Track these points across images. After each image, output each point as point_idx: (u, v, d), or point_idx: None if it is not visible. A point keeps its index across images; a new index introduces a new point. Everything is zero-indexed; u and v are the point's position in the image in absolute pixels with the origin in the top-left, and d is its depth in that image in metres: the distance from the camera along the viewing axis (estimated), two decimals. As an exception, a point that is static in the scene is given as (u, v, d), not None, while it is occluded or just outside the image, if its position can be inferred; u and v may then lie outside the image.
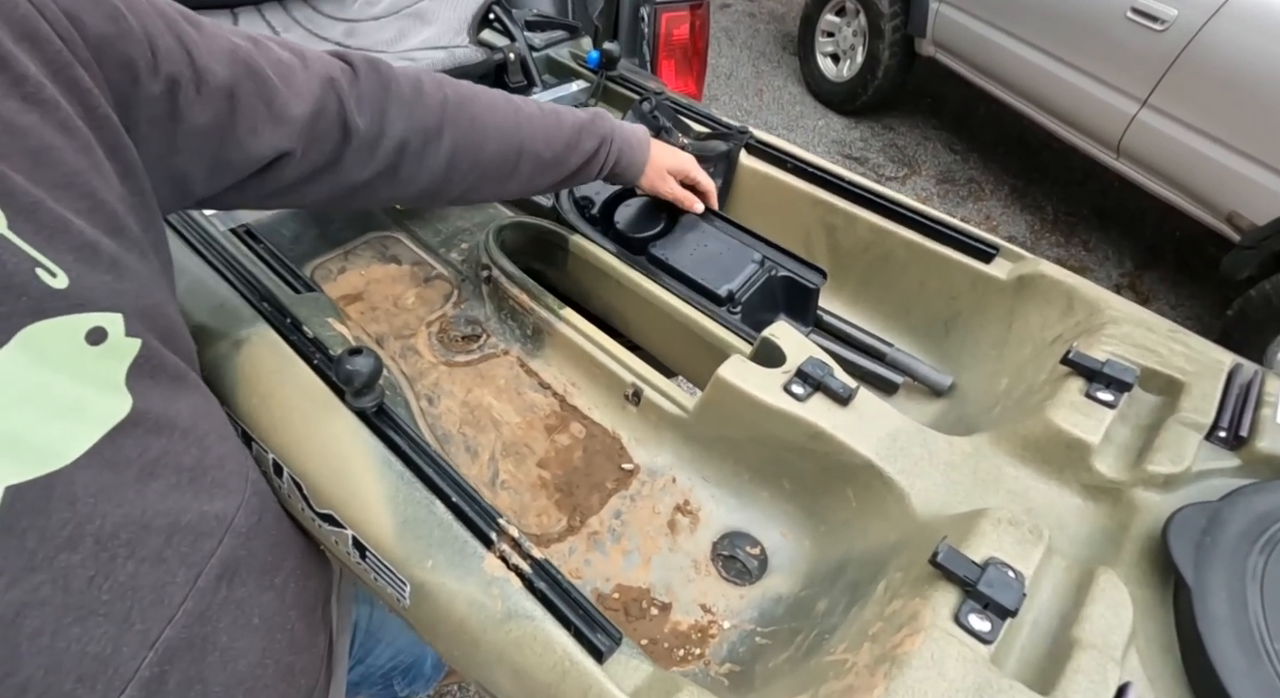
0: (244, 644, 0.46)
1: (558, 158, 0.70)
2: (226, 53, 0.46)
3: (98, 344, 0.37)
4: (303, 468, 0.57)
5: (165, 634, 0.40)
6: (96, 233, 0.38)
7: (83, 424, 0.37)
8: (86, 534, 0.36)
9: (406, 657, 1.11)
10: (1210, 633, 0.43)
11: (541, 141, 0.68)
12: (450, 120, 0.61)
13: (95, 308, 0.37)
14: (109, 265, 0.38)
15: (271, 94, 0.49)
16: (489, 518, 0.52)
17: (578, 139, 0.71)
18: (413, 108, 0.59)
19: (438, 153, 0.61)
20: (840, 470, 0.66)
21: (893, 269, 0.91)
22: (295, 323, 0.65)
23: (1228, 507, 0.50)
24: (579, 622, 0.47)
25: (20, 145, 0.35)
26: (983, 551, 0.49)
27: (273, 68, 0.49)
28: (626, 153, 0.76)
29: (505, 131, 0.65)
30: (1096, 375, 0.62)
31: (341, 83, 0.55)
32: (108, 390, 0.38)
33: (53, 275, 0.35)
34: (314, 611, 0.59)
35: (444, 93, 0.62)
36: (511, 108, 0.67)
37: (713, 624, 0.66)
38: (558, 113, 0.71)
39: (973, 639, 0.44)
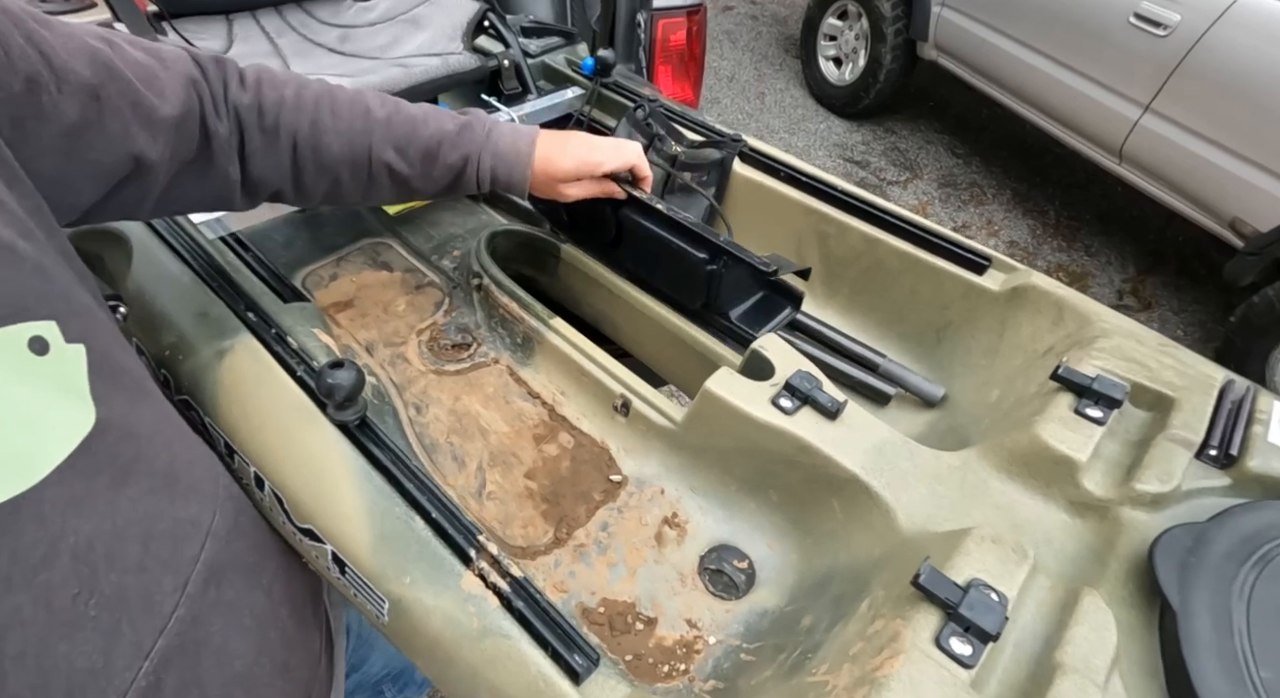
0: (238, 645, 0.46)
1: (416, 171, 0.65)
2: (86, 53, 0.45)
3: (43, 354, 0.36)
4: (283, 481, 0.57)
5: (159, 643, 0.39)
6: (11, 235, 0.36)
7: (49, 438, 0.36)
8: (61, 551, 0.35)
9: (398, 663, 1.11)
10: (1194, 658, 0.43)
11: (393, 151, 0.63)
12: (285, 122, 0.59)
13: (26, 317, 0.35)
14: (32, 269, 0.37)
15: (136, 97, 0.47)
16: (468, 535, 0.52)
17: (437, 151, 0.65)
18: (251, 109, 0.58)
19: (278, 152, 0.60)
20: (827, 483, 0.65)
21: (885, 278, 0.90)
22: (280, 333, 0.65)
23: (1215, 528, 0.50)
24: (556, 642, 0.46)
25: None
26: (966, 571, 0.48)
27: (132, 70, 0.48)
28: (502, 169, 0.69)
29: (350, 137, 0.62)
30: (1086, 391, 0.61)
31: (201, 84, 0.55)
32: (72, 400, 0.37)
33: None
34: (304, 608, 0.59)
35: (281, 94, 0.59)
36: (362, 112, 0.62)
37: (698, 640, 0.65)
38: (419, 122, 0.65)
39: (953, 663, 0.43)
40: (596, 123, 1.12)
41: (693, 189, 1.00)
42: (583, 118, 1.12)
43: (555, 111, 1.12)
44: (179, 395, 0.65)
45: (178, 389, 0.65)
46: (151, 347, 0.67)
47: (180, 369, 0.64)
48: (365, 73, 0.99)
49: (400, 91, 0.95)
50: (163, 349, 0.66)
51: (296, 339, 0.65)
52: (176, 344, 0.65)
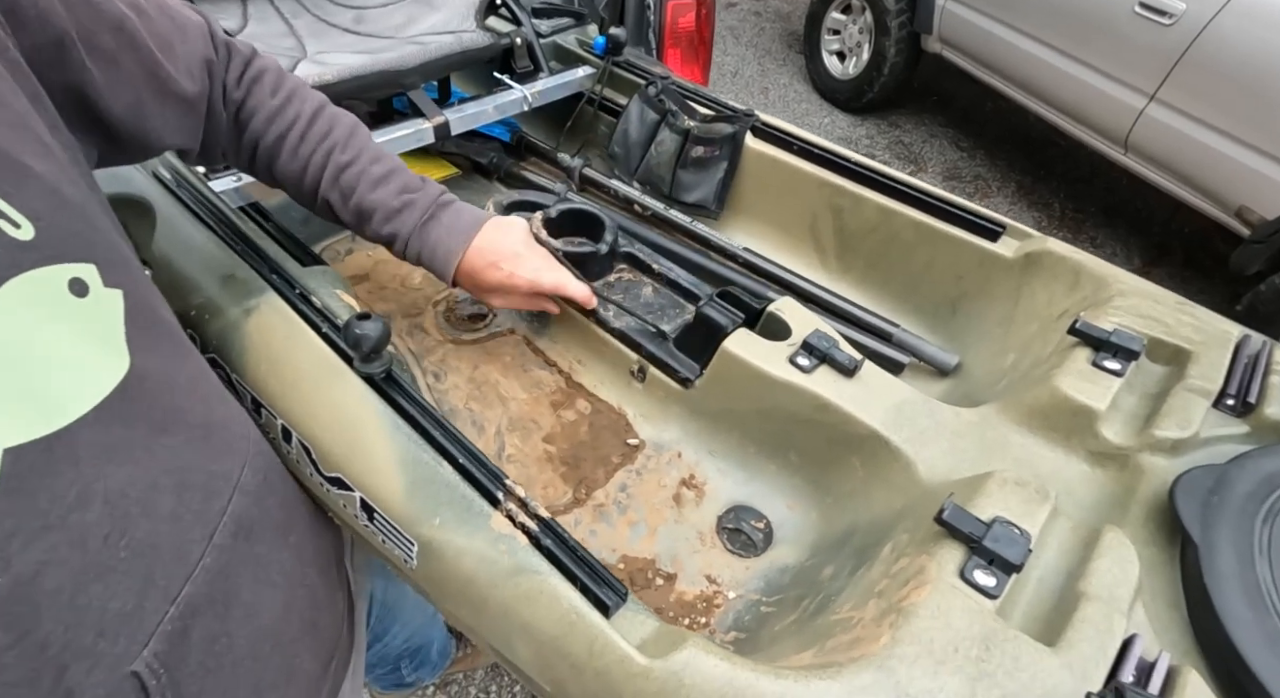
0: (266, 599, 0.47)
1: (352, 219, 0.68)
2: (112, 20, 0.46)
3: (83, 296, 0.36)
4: (311, 433, 0.58)
5: (186, 590, 0.40)
6: (58, 179, 0.37)
7: (85, 380, 0.36)
8: (95, 494, 0.35)
9: (418, 639, 1.12)
10: (1217, 588, 0.43)
11: (337, 195, 0.66)
12: (255, 128, 0.63)
13: (68, 258, 0.36)
14: (77, 212, 0.37)
15: (154, 67, 0.50)
16: (496, 479, 0.53)
17: (370, 217, 0.67)
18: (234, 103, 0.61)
19: (240, 147, 0.64)
20: (846, 441, 0.66)
21: (900, 249, 0.91)
22: (304, 293, 0.66)
23: (1235, 469, 0.50)
24: (585, 577, 0.47)
25: None
26: (989, 510, 0.49)
27: (155, 40, 0.50)
28: (426, 259, 0.69)
29: (305, 166, 0.65)
30: (1103, 344, 0.62)
31: (216, 65, 0.58)
32: (108, 345, 0.38)
33: (16, 226, 0.33)
34: (329, 569, 0.59)
35: (266, 102, 0.62)
36: (326, 150, 0.64)
37: (718, 595, 0.66)
38: (370, 181, 0.66)
39: (978, 594, 0.44)
40: (608, 101, 1.13)
41: (706, 163, 1.01)
42: (594, 96, 1.13)
43: (567, 90, 1.13)
44: (206, 354, 0.65)
45: (204, 348, 0.66)
46: (178, 308, 0.68)
47: (208, 329, 0.65)
48: (381, 51, 1.00)
49: (414, 67, 0.96)
50: (189, 310, 0.67)
51: (320, 299, 0.66)
52: (203, 305, 0.66)
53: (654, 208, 1.04)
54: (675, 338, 0.78)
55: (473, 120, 1.02)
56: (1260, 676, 0.39)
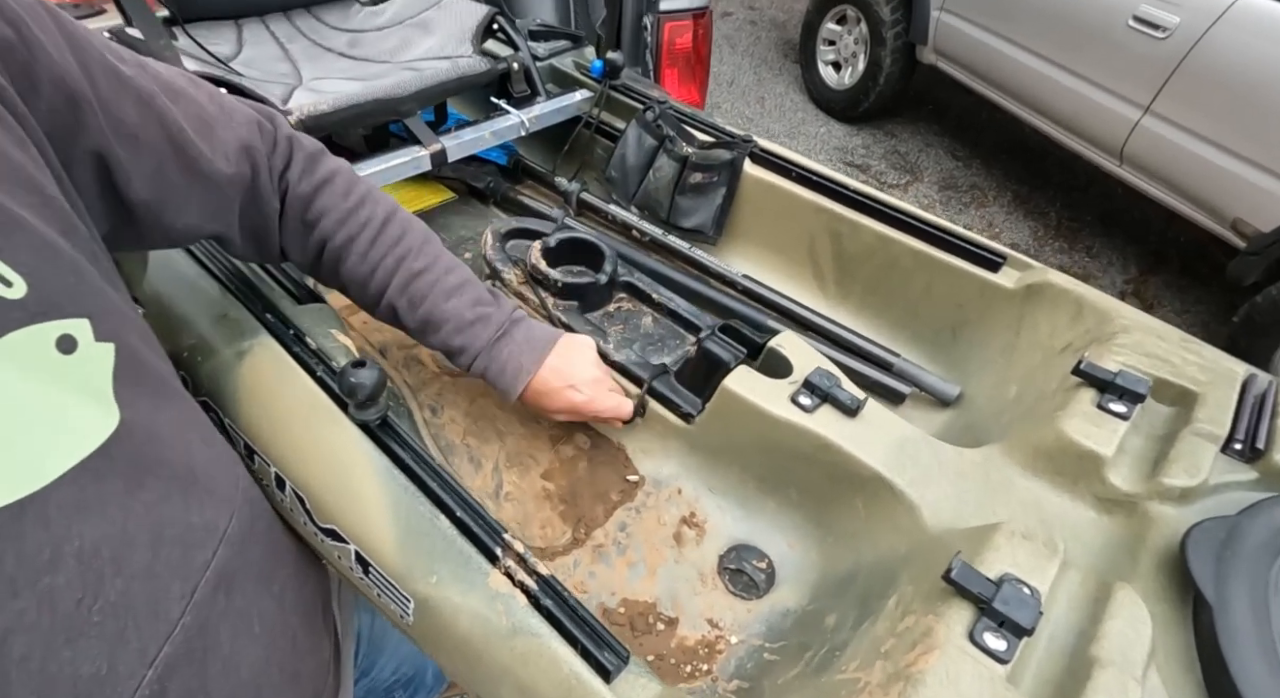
0: (246, 652, 0.45)
1: (413, 328, 0.66)
2: (136, 96, 0.46)
3: (70, 353, 0.35)
4: (305, 482, 0.57)
5: (164, 650, 0.39)
6: (52, 232, 0.36)
7: (67, 439, 0.35)
8: (66, 555, 0.34)
9: (409, 668, 1.10)
10: (1232, 650, 0.42)
11: (405, 302, 0.64)
12: (325, 228, 0.61)
13: (59, 315, 0.35)
14: (70, 267, 0.37)
15: (184, 144, 0.49)
16: (494, 533, 0.51)
17: (440, 328, 0.65)
18: (304, 200, 0.60)
19: (306, 246, 0.62)
20: (849, 480, 0.65)
21: (898, 276, 0.90)
22: (298, 334, 0.65)
23: (1247, 520, 0.50)
24: (585, 640, 0.46)
25: None
26: (997, 566, 0.48)
27: (189, 121, 0.49)
28: (493, 373, 0.67)
29: (374, 270, 0.63)
30: (1109, 386, 0.61)
31: (259, 153, 0.56)
32: (95, 402, 0.37)
33: (8, 285, 0.33)
34: (314, 615, 0.58)
35: (337, 203, 0.61)
36: (399, 255, 0.63)
37: (720, 639, 0.65)
38: (443, 292, 0.64)
39: (988, 658, 0.43)
40: (606, 125, 1.12)
41: (704, 188, 1.00)
42: (592, 120, 1.12)
43: (564, 114, 1.12)
44: (198, 397, 0.64)
45: (197, 391, 0.64)
46: (170, 349, 0.67)
47: (200, 371, 0.64)
48: (376, 77, 0.99)
49: (410, 94, 0.95)
50: (181, 351, 0.66)
51: (315, 340, 0.64)
52: (196, 346, 0.65)
53: (652, 233, 1.03)
54: (676, 371, 0.77)
55: (470, 146, 1.01)
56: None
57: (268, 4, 1.14)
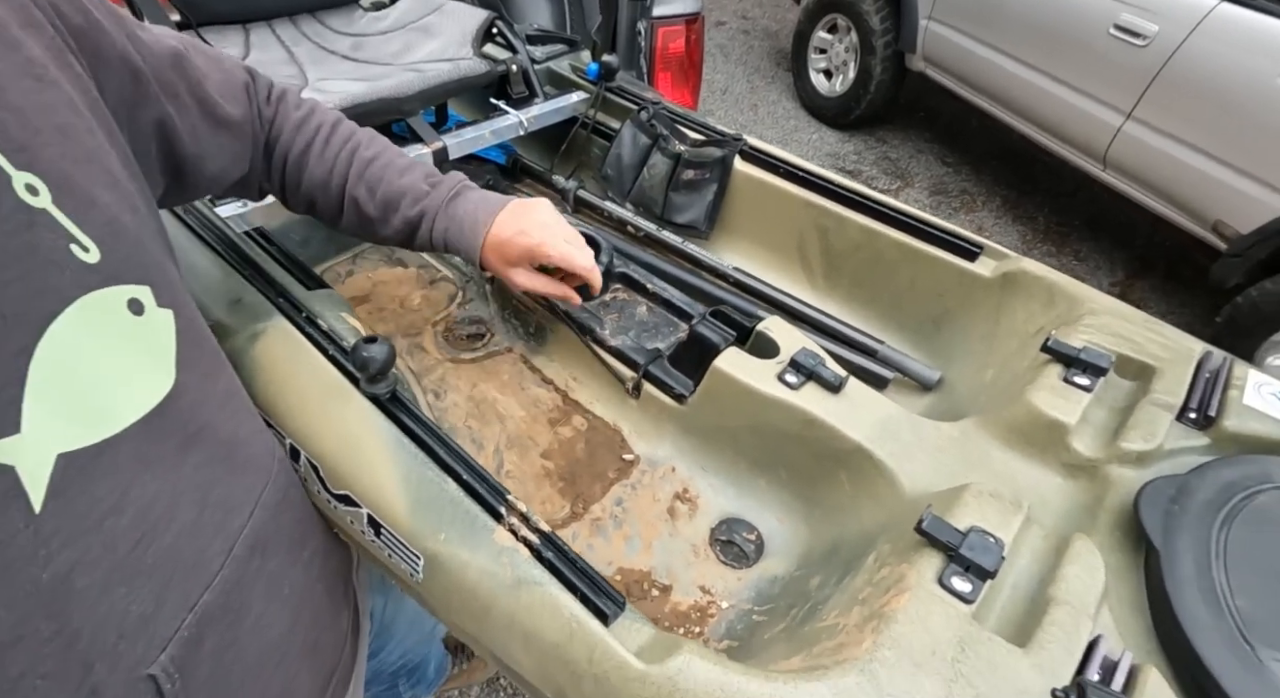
0: (275, 614, 0.49)
1: (378, 212, 0.68)
2: (168, 54, 0.50)
3: (139, 315, 0.39)
4: (319, 451, 0.60)
5: (204, 598, 0.42)
6: (120, 207, 0.40)
7: (135, 394, 0.39)
8: (129, 502, 0.38)
9: (414, 656, 1.13)
10: (1177, 592, 0.46)
11: (364, 189, 0.67)
12: (284, 141, 0.65)
13: (127, 280, 0.39)
14: (134, 239, 0.40)
15: (204, 95, 0.53)
16: (498, 494, 0.55)
17: (399, 202, 0.68)
18: (266, 121, 0.64)
19: (271, 164, 0.66)
20: (833, 456, 0.69)
21: (883, 269, 0.95)
22: (310, 316, 0.68)
23: (1195, 478, 0.53)
24: (585, 588, 0.49)
25: (49, 122, 0.36)
26: (966, 520, 0.52)
27: (201, 74, 0.54)
28: (454, 233, 0.68)
29: (332, 166, 0.66)
30: (1074, 361, 0.65)
31: (252, 88, 0.62)
32: (159, 361, 0.40)
33: (85, 250, 0.36)
34: (337, 587, 0.61)
35: (291, 116, 0.66)
36: (350, 148, 0.67)
37: (711, 604, 0.68)
38: (396, 171, 0.67)
39: (955, 599, 0.47)
40: (601, 125, 1.17)
41: (696, 185, 1.04)
42: (588, 121, 1.16)
43: (561, 115, 1.17)
44: (216, 375, 0.68)
45: (214, 370, 0.68)
46: (187, 331, 0.71)
47: (217, 351, 0.68)
48: (379, 77, 1.03)
49: (413, 93, 1.00)
50: (199, 333, 0.69)
51: (326, 322, 0.68)
52: (213, 328, 0.68)
53: (646, 229, 1.07)
54: (670, 355, 0.81)
55: (470, 145, 1.05)
56: (1216, 673, 0.42)
57: (274, 9, 1.18)
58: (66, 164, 0.36)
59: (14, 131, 0.34)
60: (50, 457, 0.34)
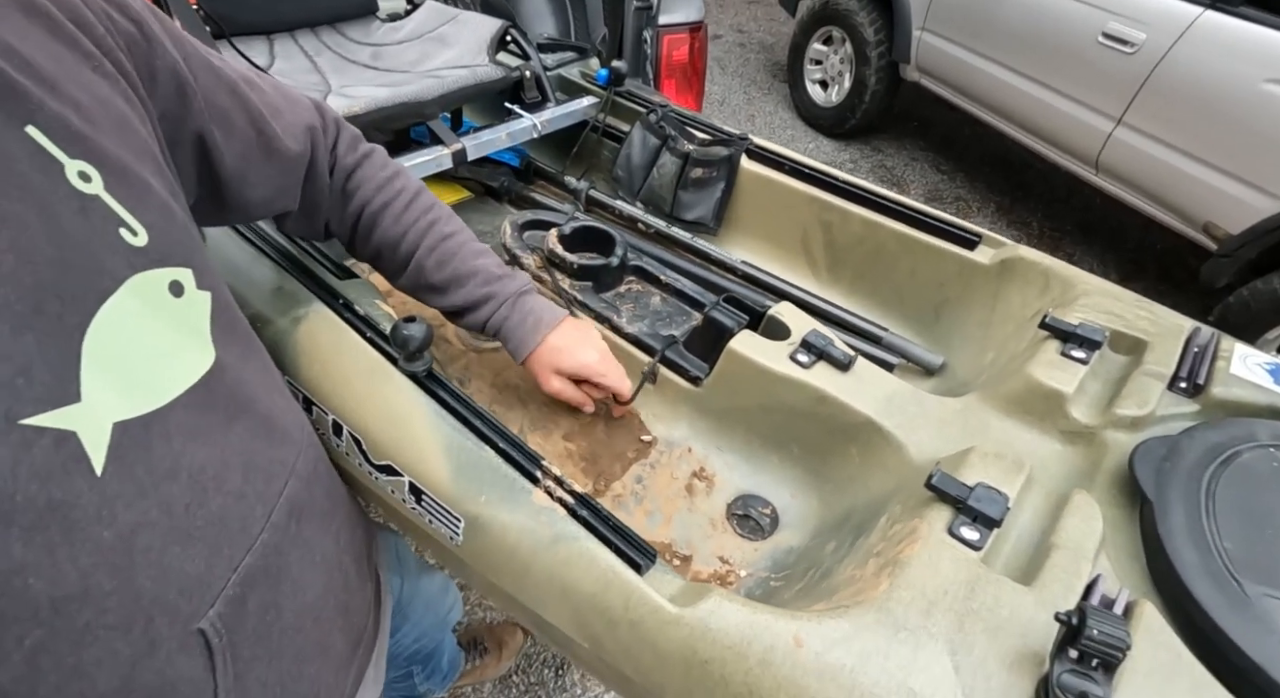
0: (310, 578, 0.52)
1: (442, 284, 0.70)
2: (229, 85, 0.53)
3: (180, 296, 0.42)
4: (363, 425, 0.64)
5: (246, 561, 0.45)
6: (168, 196, 0.43)
7: (179, 369, 0.42)
8: (182, 468, 0.41)
9: (428, 642, 1.15)
10: (1170, 537, 0.50)
11: (434, 258, 0.68)
12: (363, 195, 0.68)
13: (171, 263, 0.42)
14: (180, 225, 0.44)
15: (262, 125, 0.56)
16: (534, 460, 0.59)
17: (468, 281, 0.69)
18: (345, 170, 0.67)
19: (345, 213, 0.68)
20: (844, 431, 0.72)
21: (885, 260, 0.99)
22: (347, 303, 0.72)
23: (1185, 439, 0.57)
24: (619, 542, 0.53)
25: (105, 113, 0.39)
26: (972, 478, 0.55)
27: (264, 106, 0.57)
28: (514, 323, 0.71)
29: (406, 230, 0.68)
30: (1070, 337, 0.69)
31: (318, 132, 0.63)
32: (197, 339, 0.43)
33: (134, 234, 0.39)
34: (361, 559, 0.64)
35: (375, 174, 0.68)
36: (429, 220, 0.69)
37: (730, 573, 0.71)
38: (470, 253, 0.70)
39: (964, 547, 0.50)
40: (611, 128, 1.21)
41: (704, 183, 1.09)
42: (598, 124, 1.21)
43: (572, 118, 1.21)
44: (259, 359, 0.71)
45: (256, 354, 0.72)
46: (230, 318, 0.74)
47: (261, 337, 0.71)
48: (401, 84, 1.08)
49: (434, 98, 1.04)
50: (241, 320, 0.73)
51: (363, 308, 0.72)
52: (255, 315, 0.72)
53: (656, 226, 1.12)
54: (684, 341, 0.85)
55: (487, 147, 1.10)
56: (1206, 606, 0.46)
57: (297, 21, 1.23)
58: (123, 153, 0.39)
59: (73, 124, 0.37)
60: (108, 425, 0.37)
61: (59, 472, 0.34)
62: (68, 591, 0.35)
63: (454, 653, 1.33)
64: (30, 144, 0.35)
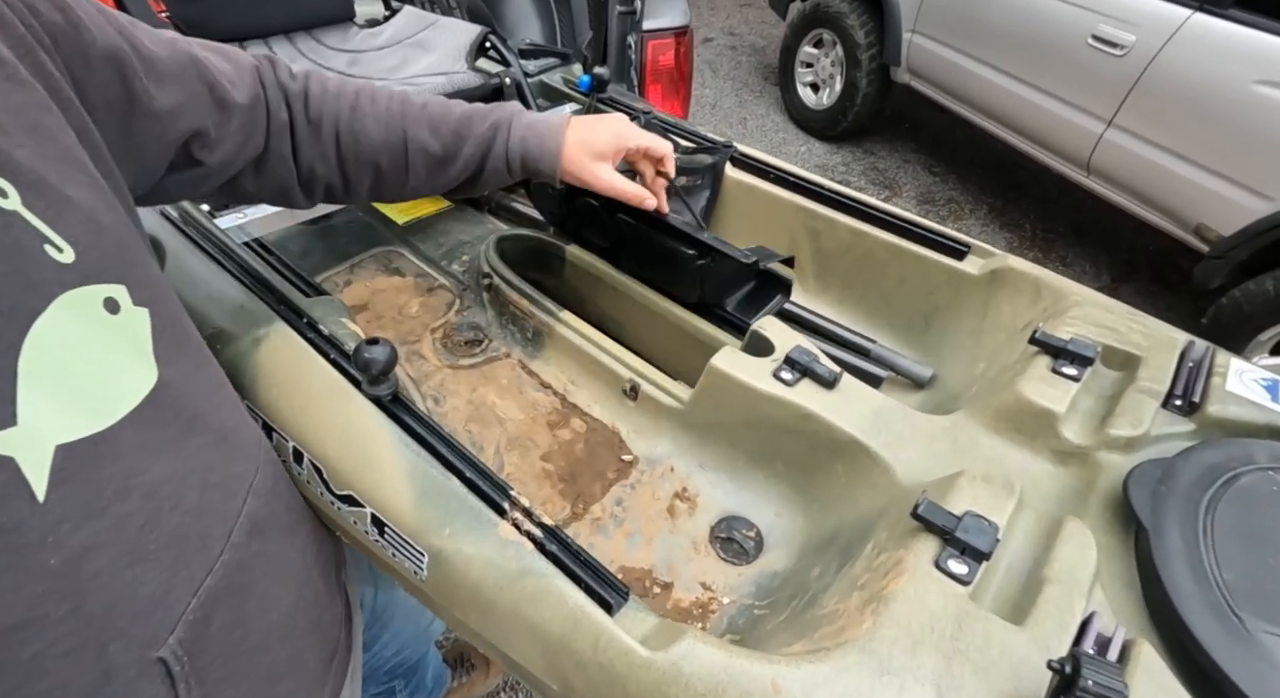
0: (277, 594, 0.50)
1: (448, 148, 0.67)
2: (169, 44, 0.51)
3: (116, 313, 0.40)
4: (323, 453, 0.61)
5: (207, 582, 0.43)
6: (95, 206, 0.41)
7: (125, 386, 0.40)
8: (134, 487, 0.39)
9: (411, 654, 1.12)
10: (1166, 568, 0.48)
11: (427, 129, 0.65)
12: (328, 109, 0.64)
13: (102, 280, 0.39)
14: (111, 237, 0.41)
15: (213, 81, 0.53)
16: (501, 490, 0.56)
17: (468, 125, 0.66)
18: (298, 97, 0.63)
19: (322, 141, 0.64)
20: (829, 448, 0.70)
21: (873, 269, 0.96)
22: (311, 322, 0.69)
23: (1181, 461, 0.55)
24: (588, 579, 0.50)
25: (18, 121, 0.37)
26: (960, 505, 0.53)
27: (210, 63, 0.54)
28: (533, 140, 0.68)
29: (388, 121, 0.65)
30: (1061, 352, 0.67)
31: (265, 70, 0.61)
32: (140, 357, 0.41)
33: (59, 250, 0.37)
34: (330, 572, 0.62)
35: (325, 86, 0.64)
36: (400, 99, 0.66)
37: (713, 600, 0.69)
38: (453, 105, 0.68)
39: (951, 581, 0.48)
40: (594, 136, 1.19)
41: (689, 191, 1.06)
42: (581, 132, 1.18)
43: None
44: (218, 381, 0.68)
45: (216, 376, 0.69)
46: (189, 338, 0.71)
47: (220, 357, 0.67)
48: (376, 92, 1.05)
49: (411, 107, 1.01)
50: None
51: (327, 327, 0.69)
52: (215, 335, 0.69)
53: (640, 235, 1.09)
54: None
55: (465, 156, 1.07)
56: (1205, 644, 0.43)
57: (272, 28, 1.20)
58: (38, 164, 0.37)
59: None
60: (49, 448, 0.35)
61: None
62: (12, 620, 0.33)
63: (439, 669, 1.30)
64: None
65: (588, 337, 0.86)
